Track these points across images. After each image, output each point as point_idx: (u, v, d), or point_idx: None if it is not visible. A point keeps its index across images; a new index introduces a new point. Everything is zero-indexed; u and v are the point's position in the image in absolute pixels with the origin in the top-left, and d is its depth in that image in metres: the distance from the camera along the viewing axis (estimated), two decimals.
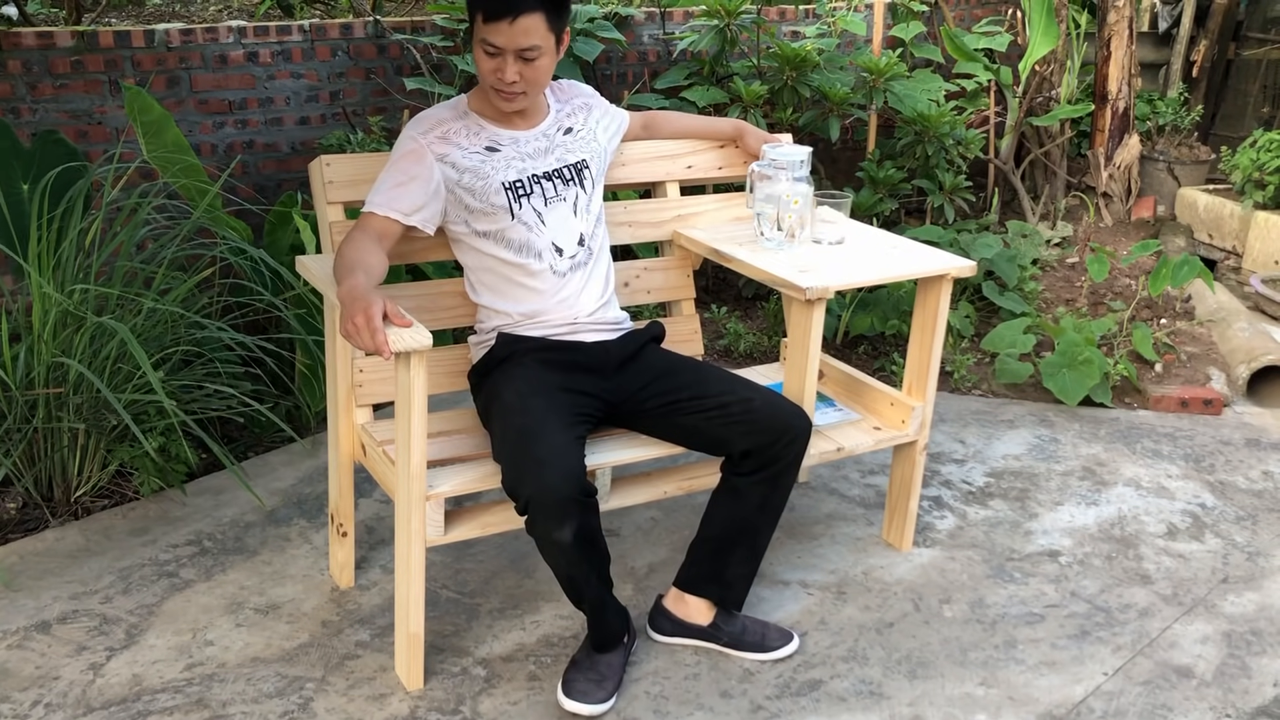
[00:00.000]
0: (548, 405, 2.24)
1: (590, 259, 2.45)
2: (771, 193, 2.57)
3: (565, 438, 2.16)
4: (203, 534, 2.89)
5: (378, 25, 4.11)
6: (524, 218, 2.36)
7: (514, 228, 2.36)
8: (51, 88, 3.64)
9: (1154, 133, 5.60)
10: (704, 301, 4.43)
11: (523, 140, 2.40)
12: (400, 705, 2.29)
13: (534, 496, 2.08)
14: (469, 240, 2.40)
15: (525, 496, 2.10)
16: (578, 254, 2.42)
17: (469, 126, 2.38)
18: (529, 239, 2.37)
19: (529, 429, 2.17)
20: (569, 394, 2.31)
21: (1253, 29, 5.98)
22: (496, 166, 2.35)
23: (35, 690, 2.30)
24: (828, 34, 4.79)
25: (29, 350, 2.81)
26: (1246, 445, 3.54)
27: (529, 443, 2.14)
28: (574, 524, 2.10)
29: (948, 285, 2.62)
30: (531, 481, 2.09)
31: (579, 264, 2.42)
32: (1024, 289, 4.35)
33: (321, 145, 3.94)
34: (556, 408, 2.24)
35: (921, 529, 2.99)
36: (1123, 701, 2.37)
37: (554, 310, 2.40)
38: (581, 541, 2.13)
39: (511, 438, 2.19)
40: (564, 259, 2.40)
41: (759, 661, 2.45)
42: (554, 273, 2.39)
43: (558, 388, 2.31)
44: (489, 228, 2.37)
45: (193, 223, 3.11)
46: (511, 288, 2.40)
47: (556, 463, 2.10)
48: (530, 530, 2.14)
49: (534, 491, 2.08)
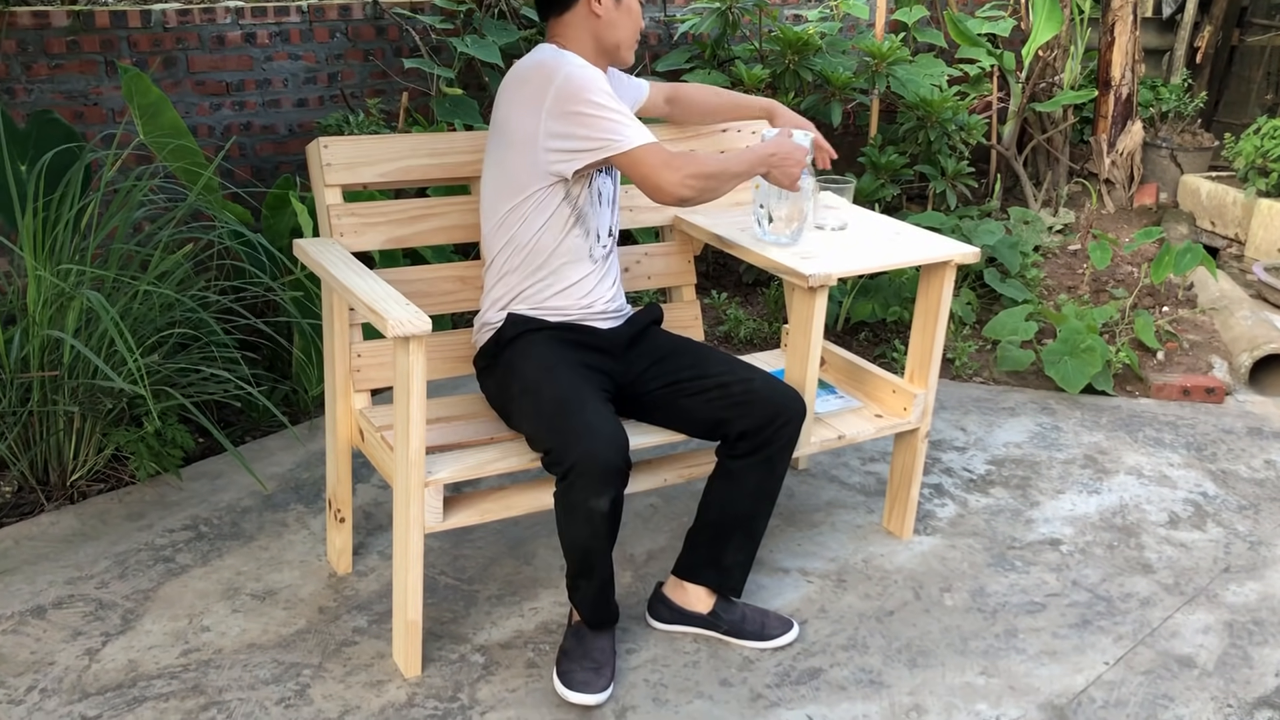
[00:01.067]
0: (577, 377, 2.24)
1: (614, 250, 2.45)
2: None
3: (606, 407, 2.17)
4: (199, 519, 2.87)
5: (376, 7, 4.07)
6: (600, 185, 2.35)
7: (590, 198, 2.32)
8: (47, 68, 3.61)
9: (1157, 119, 5.57)
10: (704, 287, 4.41)
11: None
12: (398, 692, 2.28)
13: (579, 463, 2.06)
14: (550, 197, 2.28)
15: (570, 462, 2.07)
16: (608, 245, 2.42)
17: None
18: (590, 215, 2.34)
19: (566, 398, 2.16)
20: (589, 369, 2.31)
21: (1257, 15, 5.95)
22: None
23: (30, 675, 2.29)
24: (830, 18, 4.76)
25: (24, 332, 2.78)
26: (1249, 434, 3.52)
27: (571, 410, 2.13)
28: (613, 492, 2.10)
29: (950, 272, 2.60)
30: (579, 448, 2.07)
31: (608, 253, 2.42)
32: (1026, 276, 4.33)
33: (320, 126, 3.91)
34: (585, 379, 2.24)
35: (922, 517, 2.97)
36: (1124, 691, 2.36)
37: (579, 295, 2.37)
38: (613, 513, 2.13)
39: (548, 408, 2.17)
40: (599, 246, 2.39)
41: (759, 649, 2.44)
42: (591, 259, 2.37)
43: (577, 362, 2.30)
44: (578, 191, 2.30)
45: (188, 205, 3.08)
46: (547, 269, 2.34)
47: (604, 429, 2.09)
48: (565, 498, 2.12)
49: (580, 458, 2.06)
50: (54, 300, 2.77)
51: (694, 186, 2.21)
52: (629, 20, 2.32)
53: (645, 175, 2.20)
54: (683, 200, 2.23)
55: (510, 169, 2.28)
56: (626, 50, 2.36)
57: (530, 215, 2.29)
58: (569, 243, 2.33)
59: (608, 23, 2.30)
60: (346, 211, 2.42)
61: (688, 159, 2.22)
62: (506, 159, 2.28)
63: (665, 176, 2.19)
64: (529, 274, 2.34)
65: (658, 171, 2.19)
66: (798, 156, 2.37)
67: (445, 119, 3.84)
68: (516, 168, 2.27)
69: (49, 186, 3.02)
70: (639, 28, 2.36)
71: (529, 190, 2.27)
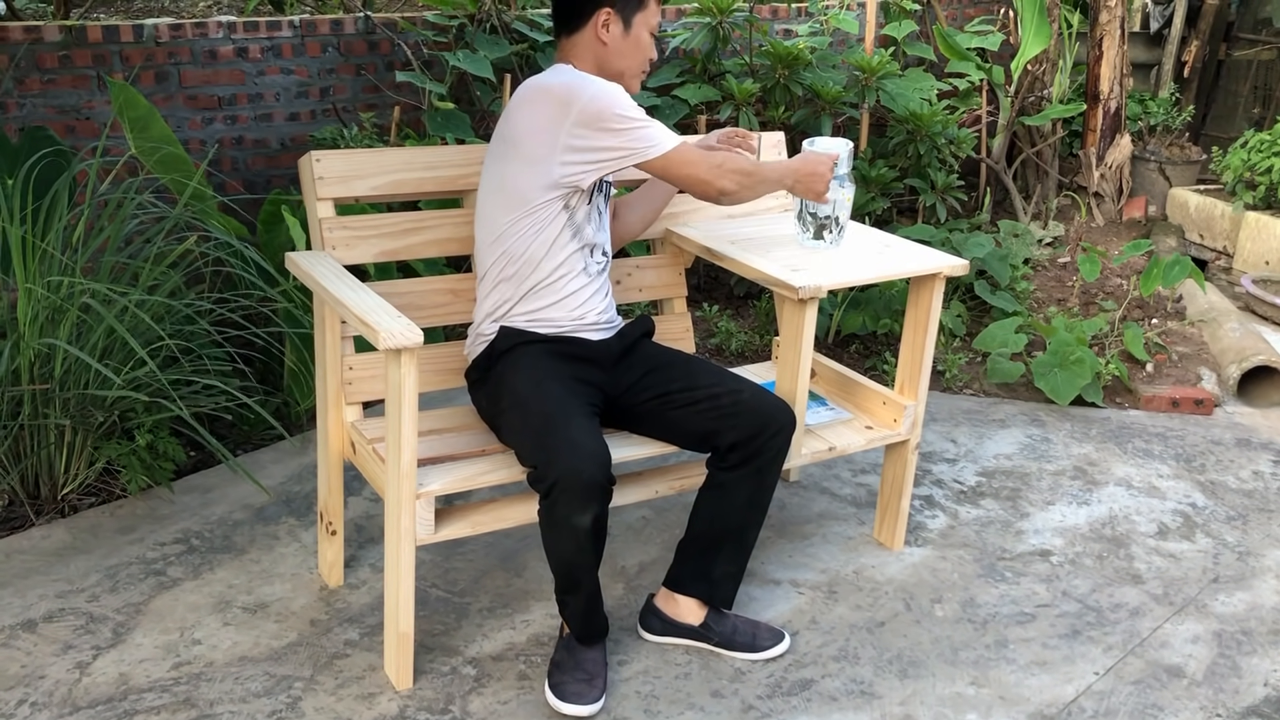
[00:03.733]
0: (565, 391, 2.24)
1: (607, 266, 2.46)
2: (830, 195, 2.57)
3: (591, 423, 2.18)
4: (190, 532, 2.87)
5: (368, 21, 4.09)
6: (599, 204, 2.38)
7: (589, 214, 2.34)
8: (39, 82, 3.61)
9: (1145, 133, 5.60)
10: (696, 300, 4.42)
11: None
12: (389, 705, 2.28)
13: (562, 479, 2.07)
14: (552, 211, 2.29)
15: (553, 479, 2.08)
16: (603, 262, 2.43)
17: None
18: (588, 232, 2.36)
19: (552, 413, 2.16)
20: (578, 383, 2.31)
21: (1244, 29, 6.00)
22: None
23: (21, 689, 2.28)
24: (820, 32, 4.79)
25: (14, 346, 2.78)
26: (1237, 445, 3.54)
27: (555, 426, 2.13)
28: (595, 509, 2.10)
29: (940, 284, 2.62)
30: (562, 464, 2.08)
31: (602, 270, 2.43)
32: (1016, 288, 4.35)
33: (314, 140, 3.92)
34: (573, 394, 2.25)
35: (913, 528, 2.98)
36: (1114, 701, 2.37)
37: (572, 308, 2.38)
38: (597, 529, 2.14)
39: (535, 422, 2.18)
40: (594, 262, 2.40)
41: (750, 661, 2.44)
42: (586, 273, 2.38)
43: (568, 376, 2.31)
44: (580, 204, 2.32)
45: (176, 216, 3.08)
46: (543, 282, 2.34)
47: (587, 446, 2.10)
48: (549, 514, 2.13)
49: (562, 475, 2.07)
50: (45, 313, 2.77)
51: (736, 180, 2.30)
52: (636, 52, 2.33)
53: (689, 173, 2.27)
54: (725, 192, 2.30)
55: (514, 182, 2.29)
56: (631, 80, 2.37)
57: (529, 228, 2.30)
58: (565, 256, 2.33)
59: (613, 50, 2.31)
60: (338, 225, 2.43)
61: (726, 156, 2.30)
62: (510, 172, 2.29)
63: (707, 171, 2.27)
64: (523, 284, 2.35)
65: (699, 167, 2.27)
66: (821, 171, 2.43)
67: (437, 133, 3.85)
68: (521, 181, 2.28)
69: (38, 199, 3.02)
70: (648, 59, 2.36)
71: (532, 204, 2.28)
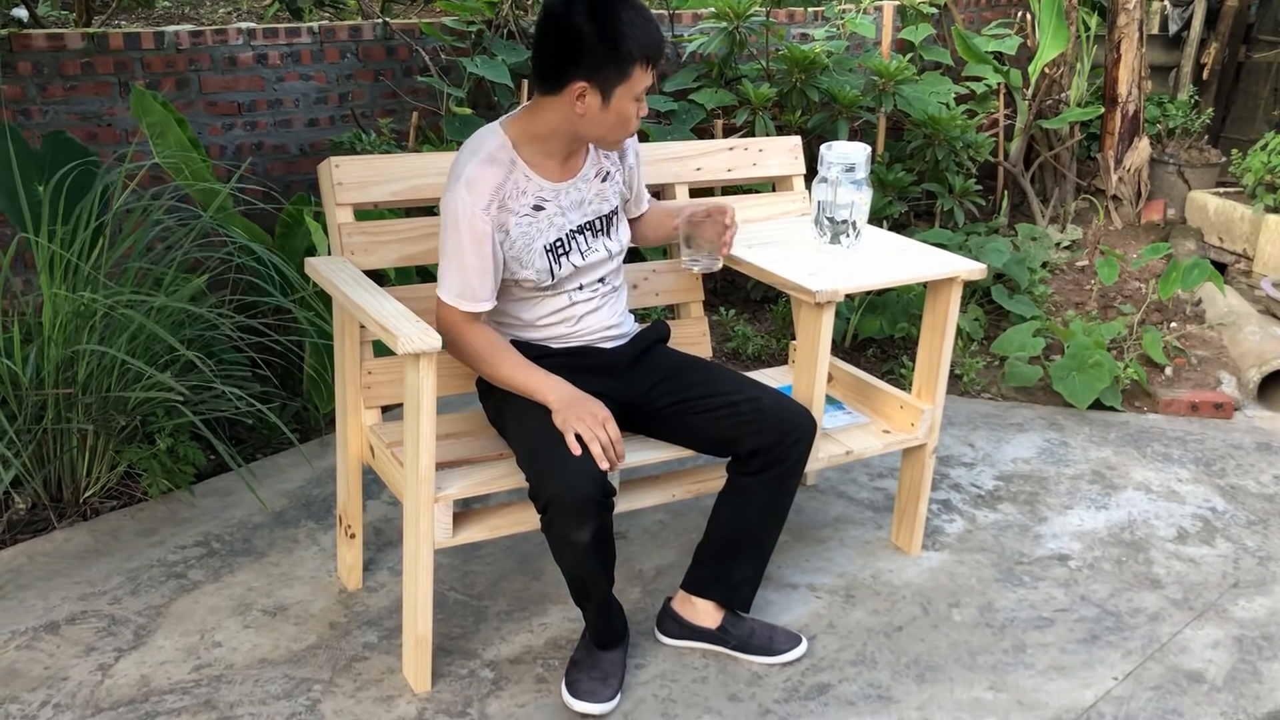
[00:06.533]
0: None
1: (610, 290, 2.44)
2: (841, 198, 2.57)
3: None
4: (211, 535, 2.89)
5: (386, 27, 4.11)
6: (562, 274, 2.32)
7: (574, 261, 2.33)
8: (62, 90, 3.65)
9: (1164, 135, 5.58)
10: (712, 304, 4.43)
11: (563, 192, 2.31)
12: (408, 707, 2.29)
13: (555, 498, 2.08)
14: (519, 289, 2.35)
15: (547, 497, 2.09)
16: (599, 289, 2.41)
17: (518, 182, 2.26)
18: (579, 278, 2.36)
19: (547, 432, 2.16)
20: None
21: (1263, 31, 5.96)
22: (540, 229, 2.28)
23: (44, 691, 2.31)
24: (836, 36, 4.78)
25: (39, 351, 2.81)
26: (1257, 449, 3.52)
27: (548, 445, 2.14)
28: (593, 525, 2.10)
29: (957, 288, 2.61)
30: (554, 482, 2.08)
31: (600, 295, 2.42)
32: (1033, 292, 4.34)
33: (333, 145, 3.94)
34: None
35: (930, 532, 2.98)
36: (1133, 706, 2.36)
37: (576, 326, 2.39)
38: (597, 542, 2.13)
39: (530, 441, 2.18)
40: (584, 292, 2.39)
41: (767, 665, 2.44)
42: (589, 301, 2.39)
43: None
44: (527, 277, 2.31)
45: (201, 224, 3.11)
46: (533, 306, 2.37)
47: (580, 462, 2.09)
48: (548, 531, 2.13)
49: (556, 493, 2.08)
50: (71, 320, 2.80)
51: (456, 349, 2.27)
52: (617, 124, 2.23)
53: (437, 317, 2.27)
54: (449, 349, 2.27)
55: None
56: (608, 145, 2.33)
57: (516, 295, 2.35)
58: (562, 305, 2.36)
59: (591, 121, 2.22)
60: (358, 230, 2.45)
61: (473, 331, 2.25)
62: None
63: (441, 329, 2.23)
64: (521, 306, 2.37)
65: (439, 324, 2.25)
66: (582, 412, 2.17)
67: (455, 138, 3.87)
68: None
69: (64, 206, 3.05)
70: (630, 127, 2.26)
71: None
